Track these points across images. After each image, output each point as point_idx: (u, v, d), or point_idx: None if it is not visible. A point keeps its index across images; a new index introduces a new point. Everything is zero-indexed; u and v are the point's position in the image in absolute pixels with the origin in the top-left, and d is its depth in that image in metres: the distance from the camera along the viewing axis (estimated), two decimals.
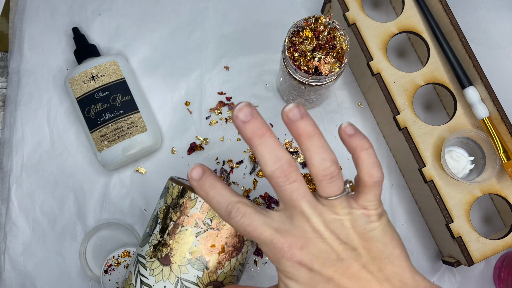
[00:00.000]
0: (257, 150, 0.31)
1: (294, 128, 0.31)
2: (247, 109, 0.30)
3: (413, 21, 0.50)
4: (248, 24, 0.57)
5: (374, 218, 0.32)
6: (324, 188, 0.31)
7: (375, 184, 0.32)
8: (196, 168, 0.33)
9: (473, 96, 0.48)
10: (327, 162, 0.31)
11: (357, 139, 0.32)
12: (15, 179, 0.54)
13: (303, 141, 0.31)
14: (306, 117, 0.31)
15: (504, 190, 0.48)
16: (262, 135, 0.30)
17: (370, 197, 0.32)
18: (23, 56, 0.56)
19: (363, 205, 0.32)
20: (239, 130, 0.31)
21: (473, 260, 0.47)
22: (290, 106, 0.30)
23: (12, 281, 0.52)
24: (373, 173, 0.32)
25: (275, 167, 0.30)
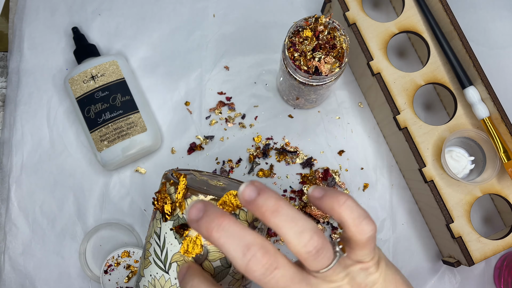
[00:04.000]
0: (220, 244, 0.26)
1: (254, 209, 0.26)
2: (199, 204, 0.27)
3: (413, 21, 0.50)
4: (248, 24, 0.57)
5: (372, 270, 0.30)
6: (312, 265, 0.27)
7: (369, 239, 0.29)
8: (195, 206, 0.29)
9: (473, 96, 0.48)
10: (305, 235, 0.26)
11: (328, 198, 0.29)
12: (14, 179, 0.54)
13: (270, 219, 0.26)
14: (264, 191, 0.26)
15: (504, 190, 0.48)
16: (218, 226, 0.26)
17: (366, 252, 0.29)
18: (22, 56, 0.56)
19: (357, 260, 0.29)
20: (196, 230, 0.27)
21: (473, 260, 0.47)
22: (244, 186, 0.27)
23: (11, 281, 0.52)
24: (363, 229, 0.28)
25: (247, 259, 0.25)
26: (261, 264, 0.25)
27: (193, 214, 0.26)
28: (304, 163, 0.55)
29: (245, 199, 0.27)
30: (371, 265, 0.29)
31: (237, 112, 0.56)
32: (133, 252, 0.51)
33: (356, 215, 0.28)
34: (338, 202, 0.28)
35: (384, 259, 0.31)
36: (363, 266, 0.29)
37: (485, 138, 0.48)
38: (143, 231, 0.54)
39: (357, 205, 0.29)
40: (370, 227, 0.28)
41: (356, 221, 0.28)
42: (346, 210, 0.28)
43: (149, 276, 0.37)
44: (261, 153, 0.55)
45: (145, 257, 0.38)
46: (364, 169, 0.55)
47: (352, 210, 0.28)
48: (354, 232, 0.28)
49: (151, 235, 0.38)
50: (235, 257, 0.25)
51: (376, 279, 0.29)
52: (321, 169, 0.54)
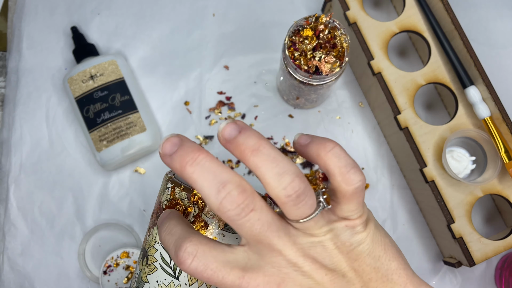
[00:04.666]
0: (193, 179, 0.23)
1: (234, 147, 0.24)
2: (174, 138, 0.24)
3: (414, 20, 0.50)
4: (248, 23, 0.57)
5: (359, 229, 0.27)
6: (291, 212, 0.24)
7: (356, 191, 0.26)
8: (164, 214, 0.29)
9: (474, 95, 0.48)
10: (286, 177, 0.23)
11: (315, 144, 0.26)
12: (13, 179, 0.53)
13: (249, 158, 0.24)
14: (245, 130, 0.24)
15: (505, 190, 0.48)
16: (193, 159, 0.23)
17: (352, 206, 0.26)
18: (21, 56, 0.56)
19: (344, 216, 0.27)
20: (170, 167, 0.25)
21: (474, 261, 0.47)
22: (224, 123, 0.24)
23: (10, 282, 0.52)
24: (350, 178, 0.26)
25: (221, 196, 0.23)
26: (236, 204, 0.23)
27: (167, 148, 0.24)
28: (304, 163, 0.54)
29: (225, 137, 0.24)
30: (358, 223, 0.27)
31: (237, 112, 0.55)
32: (132, 252, 0.51)
33: (344, 163, 0.26)
34: (325, 149, 0.26)
35: (373, 220, 0.28)
36: (349, 224, 0.26)
37: (486, 138, 0.48)
38: (143, 231, 0.53)
39: (345, 154, 0.26)
40: (358, 177, 0.26)
41: (342, 170, 0.26)
42: (333, 157, 0.26)
43: (155, 282, 0.36)
44: None
45: (148, 262, 0.37)
46: (365, 169, 0.55)
47: (339, 158, 0.26)
48: (340, 182, 0.26)
49: (156, 240, 0.36)
50: (208, 195, 0.23)
51: (362, 239, 0.26)
52: None
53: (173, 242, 0.26)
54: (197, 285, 0.35)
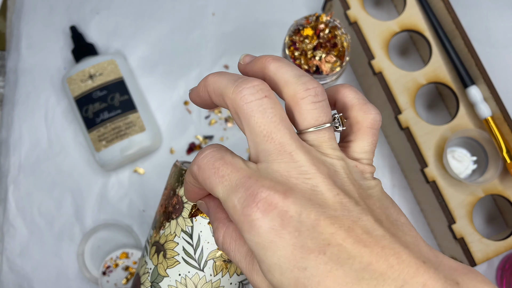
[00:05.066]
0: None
1: (255, 62, 0.24)
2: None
3: (415, 20, 0.50)
4: (248, 23, 0.57)
5: (369, 176, 0.24)
6: (305, 112, 0.22)
7: (373, 125, 0.24)
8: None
9: (475, 95, 0.47)
10: (305, 77, 0.22)
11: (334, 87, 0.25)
12: (12, 180, 0.53)
13: (269, 64, 0.23)
14: (265, 55, 0.24)
15: (506, 190, 0.48)
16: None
17: (365, 144, 0.24)
18: (20, 55, 0.55)
19: (354, 157, 0.24)
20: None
21: (475, 261, 0.46)
22: (242, 56, 0.25)
23: (9, 283, 0.52)
24: (368, 109, 0.24)
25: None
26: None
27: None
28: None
29: (245, 60, 0.25)
30: (368, 170, 0.24)
31: None
32: (131, 253, 0.51)
33: (362, 97, 0.25)
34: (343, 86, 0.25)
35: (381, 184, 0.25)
36: (360, 167, 0.24)
37: (487, 138, 0.48)
38: (142, 232, 0.53)
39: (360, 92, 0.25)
40: (375, 110, 0.24)
41: (361, 101, 0.24)
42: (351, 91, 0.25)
43: (178, 275, 0.36)
44: None
45: (166, 257, 0.36)
46: None
47: (357, 92, 0.25)
48: (358, 111, 0.24)
49: (177, 234, 0.36)
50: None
51: (373, 185, 0.24)
52: None
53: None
54: (221, 275, 0.35)
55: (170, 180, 0.39)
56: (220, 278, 0.35)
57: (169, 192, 0.39)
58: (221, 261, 0.36)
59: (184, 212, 0.36)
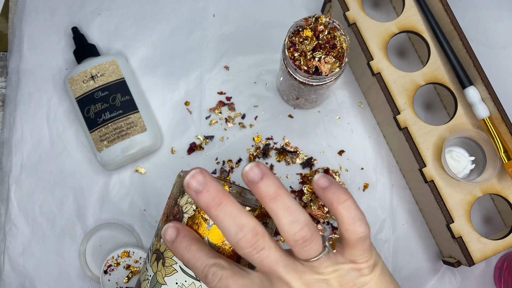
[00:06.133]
0: (217, 220, 0.28)
1: (255, 190, 0.28)
2: (199, 176, 0.28)
3: (413, 21, 0.50)
4: (248, 24, 0.57)
5: (365, 271, 0.30)
6: (299, 252, 0.29)
7: (360, 240, 0.30)
8: (168, 229, 0.32)
9: (473, 96, 0.48)
10: (296, 225, 0.28)
11: (331, 192, 0.30)
12: (14, 179, 0.54)
13: (267, 203, 0.28)
14: (267, 177, 0.28)
15: (504, 190, 0.48)
16: (218, 204, 0.28)
17: (357, 252, 0.30)
18: (22, 56, 0.56)
19: (351, 259, 0.30)
20: (194, 201, 0.29)
21: (473, 260, 0.47)
22: (250, 166, 0.28)
23: (11, 282, 0.52)
24: (355, 229, 0.29)
25: (238, 237, 0.28)
26: (249, 244, 0.28)
27: (193, 185, 0.28)
28: (304, 163, 0.54)
29: (249, 178, 0.28)
30: (364, 267, 0.30)
31: (237, 112, 0.55)
32: (132, 252, 0.51)
33: (352, 215, 0.29)
34: (338, 200, 0.29)
35: (381, 265, 0.31)
36: (356, 267, 0.30)
37: (485, 138, 0.48)
38: (143, 231, 0.53)
39: (356, 207, 0.30)
40: (362, 229, 0.29)
41: (350, 221, 0.29)
42: (344, 209, 0.29)
43: (175, 284, 0.37)
44: (261, 153, 0.55)
45: (165, 264, 0.38)
46: (364, 169, 0.55)
47: (349, 210, 0.29)
48: (346, 231, 0.30)
49: None
50: (229, 234, 0.28)
51: (367, 281, 0.30)
52: (321, 169, 0.54)
53: (200, 264, 0.31)
54: None
55: (173, 190, 0.40)
56: None
57: (171, 202, 0.39)
58: None
59: (184, 221, 0.37)
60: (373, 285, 0.30)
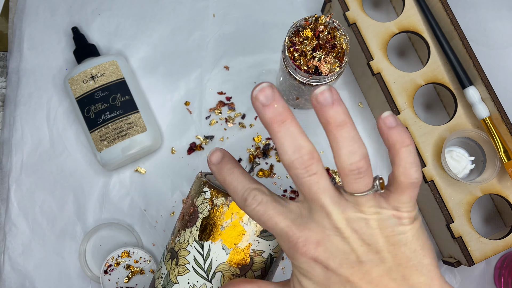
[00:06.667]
0: (276, 137, 0.28)
1: (322, 114, 0.28)
2: (268, 90, 0.28)
3: (413, 21, 0.50)
4: (248, 24, 0.57)
5: (406, 221, 0.29)
6: (350, 184, 0.28)
7: (411, 186, 0.29)
8: (215, 153, 0.32)
9: (473, 96, 0.48)
10: (355, 156, 0.28)
11: (397, 133, 0.29)
12: (14, 179, 0.54)
13: (331, 130, 0.28)
14: (338, 103, 0.28)
15: (504, 190, 0.48)
16: (282, 121, 0.28)
17: (404, 198, 0.29)
18: (22, 56, 0.56)
19: (394, 206, 0.29)
20: (258, 113, 0.28)
21: (473, 260, 0.47)
22: (322, 89, 0.28)
23: (11, 281, 0.52)
24: (410, 173, 0.29)
25: (294, 157, 0.28)
26: (304, 165, 0.28)
27: (261, 98, 0.28)
28: None
29: (319, 101, 0.28)
30: (406, 216, 0.29)
31: (237, 112, 0.56)
32: (132, 252, 0.51)
33: (411, 160, 0.29)
34: (403, 142, 0.29)
35: (420, 221, 0.31)
36: (398, 214, 0.29)
37: (485, 138, 0.48)
38: (143, 231, 0.53)
39: (416, 154, 0.30)
40: (417, 174, 0.29)
41: (407, 164, 0.29)
42: (406, 152, 0.29)
43: (186, 284, 0.37)
44: (261, 153, 0.55)
45: (178, 264, 0.37)
46: None
47: (409, 154, 0.29)
48: (400, 173, 0.29)
49: (189, 243, 0.37)
50: (285, 152, 0.28)
51: (405, 231, 0.29)
52: None
53: (242, 187, 0.30)
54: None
55: (191, 190, 0.40)
56: None
57: (188, 201, 0.39)
58: (230, 274, 0.36)
59: (198, 222, 0.37)
60: (410, 236, 0.29)
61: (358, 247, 0.28)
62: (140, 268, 0.51)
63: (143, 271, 0.51)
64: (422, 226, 0.31)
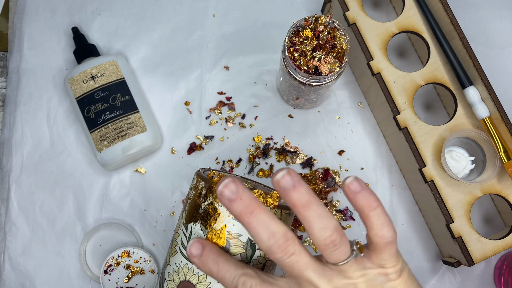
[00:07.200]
0: (249, 228, 0.30)
1: (287, 198, 0.29)
2: (232, 185, 0.29)
3: (413, 21, 0.50)
4: (248, 24, 0.57)
5: (393, 276, 0.31)
6: (329, 256, 0.30)
7: (388, 245, 0.31)
8: (194, 244, 0.33)
9: (473, 96, 0.48)
10: (327, 230, 0.29)
11: (363, 198, 0.30)
12: (14, 179, 0.54)
13: (299, 211, 0.29)
14: (299, 185, 0.29)
15: (504, 190, 0.48)
16: (251, 212, 0.29)
17: (385, 256, 0.31)
18: (22, 56, 0.56)
19: (379, 264, 0.31)
20: (227, 208, 0.30)
21: (473, 260, 0.47)
22: (281, 174, 0.29)
23: (11, 281, 0.52)
24: (383, 234, 0.31)
25: (270, 243, 0.29)
26: (281, 249, 0.29)
27: (226, 194, 0.29)
28: (304, 163, 0.54)
29: (281, 186, 0.29)
30: (392, 271, 0.31)
31: (237, 112, 0.56)
32: (133, 252, 0.51)
33: (382, 221, 0.31)
34: (370, 207, 0.30)
35: (407, 271, 0.32)
36: (383, 271, 0.31)
37: (485, 138, 0.48)
38: (143, 231, 0.54)
39: (385, 213, 0.31)
40: (390, 234, 0.31)
41: (379, 227, 0.31)
42: (375, 215, 0.31)
43: (174, 264, 0.39)
44: (261, 153, 0.55)
45: (172, 246, 0.40)
46: (364, 169, 0.55)
47: (379, 217, 0.31)
48: (375, 235, 0.31)
49: (179, 226, 0.40)
50: (261, 240, 0.29)
51: (395, 286, 0.31)
52: (321, 169, 0.54)
53: (230, 275, 0.32)
54: None
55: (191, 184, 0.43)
56: None
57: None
58: None
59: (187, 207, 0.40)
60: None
61: None
62: (140, 268, 0.51)
63: (143, 271, 0.51)
64: (411, 274, 0.32)
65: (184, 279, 0.38)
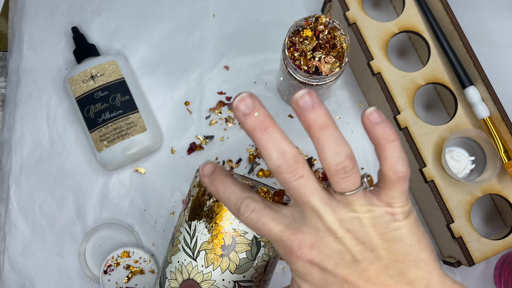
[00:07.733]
0: (260, 144, 0.28)
1: (304, 118, 0.28)
2: (248, 100, 0.28)
3: (413, 21, 0.50)
4: (248, 24, 0.57)
5: (399, 217, 0.29)
6: (337, 183, 0.29)
7: (400, 180, 0.29)
8: (207, 165, 0.32)
9: (473, 96, 0.48)
10: (340, 156, 0.28)
11: (382, 129, 0.29)
12: (14, 179, 0.54)
13: (314, 132, 0.28)
14: (318, 106, 0.28)
15: (504, 190, 0.48)
16: (264, 129, 0.28)
17: (395, 193, 0.29)
18: (22, 56, 0.56)
19: (387, 202, 0.29)
20: (240, 123, 0.29)
21: (473, 260, 0.47)
22: (301, 93, 0.28)
23: (11, 281, 0.52)
24: (397, 168, 0.29)
25: (280, 162, 0.28)
26: (290, 170, 0.28)
27: (242, 108, 0.28)
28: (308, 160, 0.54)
29: (299, 105, 0.28)
30: (399, 212, 0.29)
31: None
32: (132, 252, 0.51)
33: (397, 155, 0.29)
34: (388, 138, 0.29)
35: (414, 215, 0.30)
36: (390, 210, 0.29)
37: (485, 138, 0.48)
38: (143, 231, 0.53)
39: (401, 148, 0.30)
40: (404, 169, 0.29)
41: (393, 160, 0.29)
42: (391, 148, 0.29)
43: (177, 263, 0.39)
44: None
45: (173, 244, 0.40)
46: (364, 169, 0.55)
47: (395, 150, 0.29)
48: (387, 169, 0.29)
49: (182, 224, 0.40)
50: (270, 158, 0.28)
51: (400, 226, 0.29)
52: (321, 169, 0.54)
53: (235, 197, 0.31)
54: (212, 268, 0.37)
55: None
56: (211, 271, 0.37)
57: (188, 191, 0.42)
58: (213, 253, 0.37)
59: (189, 204, 0.40)
60: (405, 231, 0.29)
61: (353, 246, 0.28)
62: (140, 268, 0.51)
63: (143, 271, 0.51)
64: (417, 220, 0.31)
65: (188, 277, 0.38)
